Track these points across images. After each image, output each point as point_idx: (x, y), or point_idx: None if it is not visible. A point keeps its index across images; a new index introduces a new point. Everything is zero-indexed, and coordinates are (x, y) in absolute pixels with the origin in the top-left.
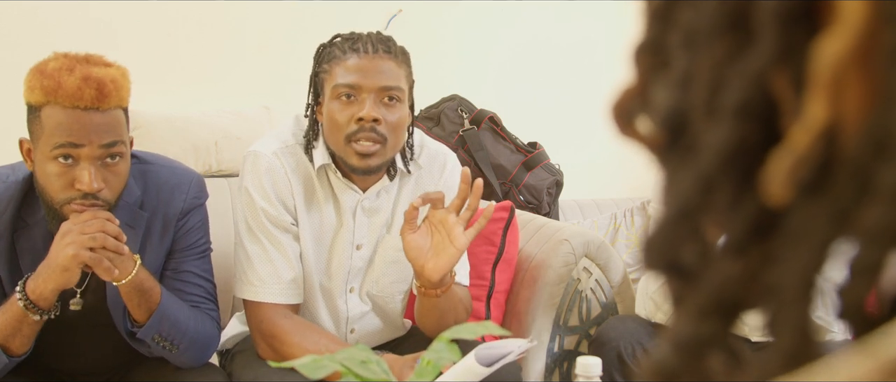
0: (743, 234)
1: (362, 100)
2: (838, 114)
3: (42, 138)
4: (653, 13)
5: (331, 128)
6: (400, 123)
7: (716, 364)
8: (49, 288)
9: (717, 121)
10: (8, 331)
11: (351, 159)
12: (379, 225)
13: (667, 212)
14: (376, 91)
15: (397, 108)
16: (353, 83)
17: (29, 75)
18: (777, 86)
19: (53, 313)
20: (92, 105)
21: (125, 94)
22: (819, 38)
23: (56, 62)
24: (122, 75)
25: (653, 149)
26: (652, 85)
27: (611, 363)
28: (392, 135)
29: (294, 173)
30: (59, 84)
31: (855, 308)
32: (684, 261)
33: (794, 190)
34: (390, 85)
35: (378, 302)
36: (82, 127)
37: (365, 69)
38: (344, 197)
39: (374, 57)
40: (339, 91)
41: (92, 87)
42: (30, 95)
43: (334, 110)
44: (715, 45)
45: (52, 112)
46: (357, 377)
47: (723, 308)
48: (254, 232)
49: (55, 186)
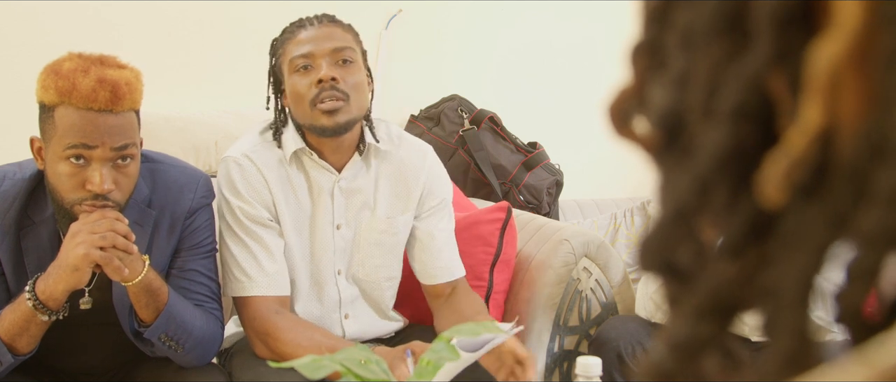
0: (739, 236)
1: (318, 66)
2: (835, 117)
3: (54, 138)
4: (650, 14)
5: (295, 101)
6: (359, 84)
7: (712, 365)
8: (60, 288)
9: (713, 123)
10: (15, 331)
11: (319, 120)
12: (358, 205)
13: (663, 213)
14: (329, 53)
15: (353, 70)
16: (306, 52)
17: (43, 74)
18: (774, 89)
19: (62, 314)
20: (106, 107)
21: (138, 97)
22: (816, 41)
23: (71, 63)
24: (136, 77)
25: (649, 150)
26: (649, 85)
27: (611, 363)
28: (354, 93)
29: (267, 168)
30: (74, 85)
31: (852, 312)
32: (680, 263)
33: (791, 192)
34: (341, 46)
35: (365, 287)
36: (95, 128)
37: (314, 37)
38: (320, 179)
39: (321, 26)
40: (296, 63)
41: (107, 90)
42: (43, 95)
43: (295, 83)
44: (712, 46)
45: (65, 112)
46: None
47: (719, 309)
48: (234, 231)
49: (66, 186)
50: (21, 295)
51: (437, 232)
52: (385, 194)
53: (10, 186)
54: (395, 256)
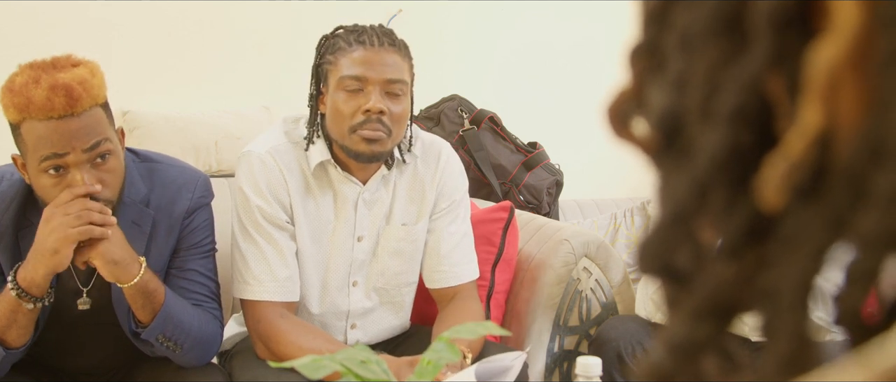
0: (737, 238)
1: (368, 92)
2: (833, 120)
3: (28, 154)
4: (649, 15)
5: (335, 118)
6: (403, 115)
7: (711, 366)
8: (40, 273)
9: (712, 125)
10: (4, 322)
11: (357, 146)
12: (379, 216)
13: (662, 215)
14: (382, 83)
15: (401, 101)
16: (359, 75)
17: (1, 95)
18: (772, 91)
19: (47, 300)
20: (65, 112)
21: (97, 91)
22: (814, 43)
23: (22, 76)
24: (91, 72)
25: (648, 152)
26: (648, 87)
27: (611, 363)
28: (395, 127)
29: (289, 171)
30: (28, 99)
31: (851, 314)
32: (679, 264)
33: (789, 195)
34: (395, 78)
35: (387, 295)
36: (61, 136)
37: (371, 61)
38: (344, 191)
39: (380, 50)
40: (346, 82)
41: (60, 96)
42: (7, 113)
43: (339, 101)
44: (710, 47)
45: (29, 127)
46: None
47: (717, 311)
48: (248, 230)
49: (52, 197)
50: (5, 287)
51: (445, 235)
52: (401, 202)
53: (7, 187)
54: (415, 261)
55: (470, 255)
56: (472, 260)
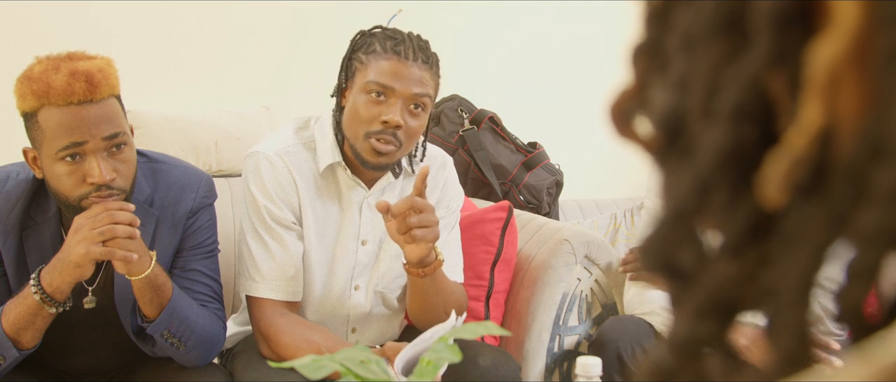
0: (739, 236)
1: (391, 104)
2: (834, 117)
3: (44, 142)
4: (651, 15)
5: (352, 119)
6: (418, 130)
7: (713, 364)
8: (65, 281)
9: (713, 123)
10: (21, 324)
11: (365, 153)
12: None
13: (664, 214)
14: (406, 97)
15: (420, 117)
16: (386, 84)
17: (17, 84)
18: (773, 89)
19: (67, 305)
20: (85, 98)
21: (115, 82)
22: (815, 41)
23: (40, 66)
24: (107, 64)
25: (650, 151)
26: (649, 86)
27: (611, 363)
28: (408, 141)
29: (297, 171)
30: (48, 85)
31: (853, 311)
32: (681, 262)
33: (791, 192)
34: (421, 93)
35: (386, 299)
36: (81, 122)
37: (400, 74)
38: (351, 194)
39: (412, 64)
40: (371, 87)
41: (81, 80)
42: (23, 103)
43: (360, 103)
44: (712, 47)
45: (48, 114)
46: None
47: (719, 309)
48: (256, 229)
49: (67, 185)
50: (25, 290)
51: (440, 242)
52: None
53: (13, 186)
54: None
55: (458, 261)
56: (459, 265)
